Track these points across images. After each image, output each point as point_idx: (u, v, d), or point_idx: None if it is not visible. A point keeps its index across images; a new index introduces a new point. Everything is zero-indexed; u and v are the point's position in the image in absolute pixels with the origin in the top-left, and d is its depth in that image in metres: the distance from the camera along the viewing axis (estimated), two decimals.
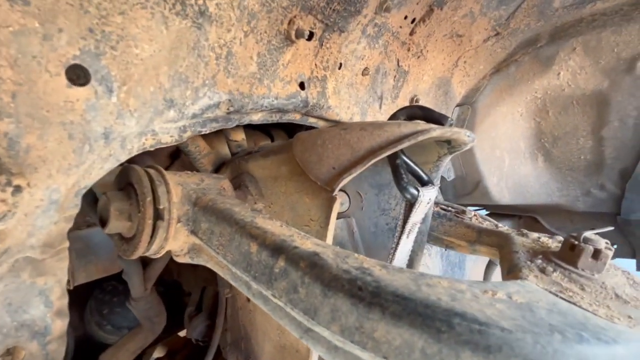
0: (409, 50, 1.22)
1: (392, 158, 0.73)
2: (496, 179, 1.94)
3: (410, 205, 0.74)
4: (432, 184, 0.82)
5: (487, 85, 1.65)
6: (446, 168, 2.03)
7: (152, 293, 0.92)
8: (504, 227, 1.01)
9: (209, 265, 0.60)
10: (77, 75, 0.39)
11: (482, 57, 1.51)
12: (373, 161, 0.58)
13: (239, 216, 0.54)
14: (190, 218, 0.61)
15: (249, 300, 0.86)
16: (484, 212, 2.55)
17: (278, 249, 0.46)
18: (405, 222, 0.75)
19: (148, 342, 0.96)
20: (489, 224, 1.06)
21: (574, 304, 0.52)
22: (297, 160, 0.67)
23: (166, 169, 0.99)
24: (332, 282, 0.40)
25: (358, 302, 0.37)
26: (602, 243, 0.66)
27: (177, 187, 0.61)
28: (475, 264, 2.24)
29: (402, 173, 0.72)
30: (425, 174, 0.83)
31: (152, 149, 0.57)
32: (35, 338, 0.43)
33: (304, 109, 0.91)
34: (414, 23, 1.15)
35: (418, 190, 0.72)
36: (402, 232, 0.76)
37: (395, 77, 1.25)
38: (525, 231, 0.89)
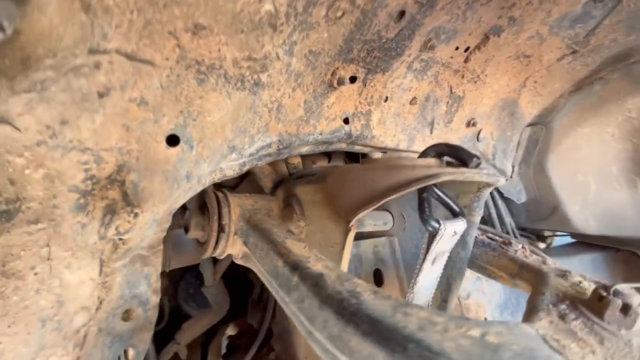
0: (463, 77, 1.23)
1: (420, 192, 0.80)
2: (579, 206, 1.73)
3: (432, 236, 0.80)
4: (463, 216, 0.86)
5: (566, 105, 1.51)
6: (516, 189, 1.89)
7: (219, 283, 1.17)
8: (552, 263, 0.96)
9: (254, 270, 0.78)
10: (172, 140, 0.60)
11: (556, 75, 1.40)
12: (385, 200, 0.67)
13: (275, 236, 0.70)
14: (244, 232, 0.80)
15: None
16: (568, 239, 2.26)
17: (295, 266, 0.60)
18: (427, 251, 0.82)
19: (215, 320, 1.23)
20: (535, 258, 1.01)
21: (564, 356, 0.52)
22: (329, 190, 0.81)
23: (236, 185, 1.23)
24: (327, 299, 0.53)
25: (341, 317, 0.50)
26: (638, 299, 0.63)
27: (236, 208, 0.81)
28: None
29: (426, 207, 0.79)
30: (457, 205, 0.87)
31: (219, 181, 0.78)
32: (141, 305, 0.68)
33: (348, 140, 1.04)
34: (468, 51, 1.16)
35: (439, 224, 0.78)
36: (424, 260, 0.83)
37: (448, 103, 1.27)
38: (569, 272, 0.85)
